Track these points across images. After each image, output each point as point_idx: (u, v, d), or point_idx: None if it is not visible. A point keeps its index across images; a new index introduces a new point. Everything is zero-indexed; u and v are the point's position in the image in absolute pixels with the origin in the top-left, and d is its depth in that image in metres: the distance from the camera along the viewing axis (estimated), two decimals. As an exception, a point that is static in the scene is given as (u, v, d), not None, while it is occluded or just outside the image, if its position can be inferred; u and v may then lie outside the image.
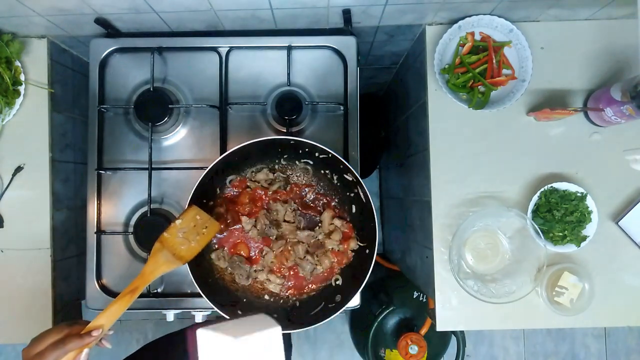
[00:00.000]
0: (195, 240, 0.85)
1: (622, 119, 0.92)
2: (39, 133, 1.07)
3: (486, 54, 0.99)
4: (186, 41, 1.05)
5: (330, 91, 1.06)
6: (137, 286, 0.78)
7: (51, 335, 0.69)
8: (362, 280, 0.88)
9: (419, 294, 1.60)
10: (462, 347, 1.50)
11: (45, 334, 0.70)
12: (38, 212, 1.06)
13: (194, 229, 0.85)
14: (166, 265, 0.82)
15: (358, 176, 0.90)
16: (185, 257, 0.84)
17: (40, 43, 1.08)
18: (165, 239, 0.83)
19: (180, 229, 0.84)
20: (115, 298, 0.76)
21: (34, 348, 0.68)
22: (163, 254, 0.82)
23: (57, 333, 0.70)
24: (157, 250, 0.82)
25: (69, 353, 0.68)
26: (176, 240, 0.84)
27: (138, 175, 1.05)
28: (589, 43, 1.03)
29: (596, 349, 2.14)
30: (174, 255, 0.83)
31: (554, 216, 0.96)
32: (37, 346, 0.68)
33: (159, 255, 0.82)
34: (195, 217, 0.86)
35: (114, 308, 0.75)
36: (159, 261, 0.81)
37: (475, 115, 1.00)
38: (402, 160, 1.41)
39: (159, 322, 2.11)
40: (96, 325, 0.72)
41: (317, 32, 1.09)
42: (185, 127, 1.07)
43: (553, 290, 0.97)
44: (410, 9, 0.99)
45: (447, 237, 1.01)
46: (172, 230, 0.84)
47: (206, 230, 0.87)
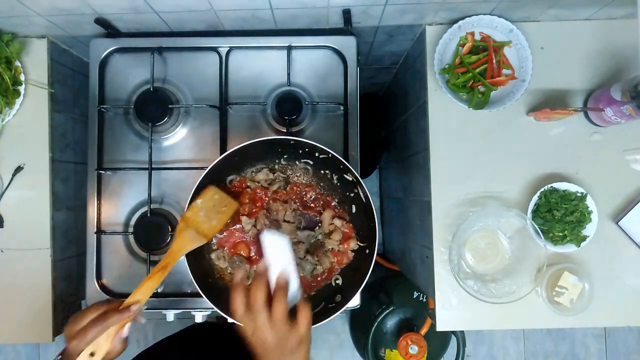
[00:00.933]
0: (216, 218, 0.88)
1: (622, 119, 0.92)
2: (39, 133, 1.07)
3: (486, 54, 0.99)
4: (186, 41, 1.05)
5: (330, 91, 1.06)
6: (168, 263, 0.80)
7: (91, 311, 0.71)
8: (362, 280, 0.88)
9: (419, 294, 1.60)
10: (462, 347, 1.50)
11: (85, 311, 0.71)
12: (38, 212, 1.06)
13: (213, 208, 0.88)
14: (191, 242, 0.84)
15: (358, 176, 0.90)
16: (208, 235, 0.87)
17: (40, 43, 1.08)
18: (188, 218, 0.86)
19: (200, 208, 0.87)
20: (148, 275, 0.78)
21: (76, 325, 0.69)
22: (188, 232, 0.85)
23: (96, 310, 0.71)
24: (181, 229, 0.85)
25: (110, 327, 0.70)
26: (198, 219, 0.86)
27: (138, 175, 1.05)
28: (589, 43, 1.03)
29: (596, 349, 2.14)
30: (198, 233, 0.86)
31: (554, 216, 0.96)
32: (79, 323, 0.69)
33: (184, 234, 0.84)
34: (213, 197, 0.89)
35: (148, 284, 0.77)
36: (185, 239, 0.84)
37: (475, 115, 1.00)
38: (402, 159, 1.41)
39: (159, 322, 2.11)
40: (134, 300, 0.74)
41: (317, 32, 1.09)
42: (185, 127, 1.07)
43: (553, 290, 0.97)
44: (410, 9, 0.99)
45: (447, 237, 1.01)
46: (193, 209, 0.87)
47: (226, 209, 0.89)
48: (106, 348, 0.69)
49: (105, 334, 0.69)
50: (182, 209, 0.90)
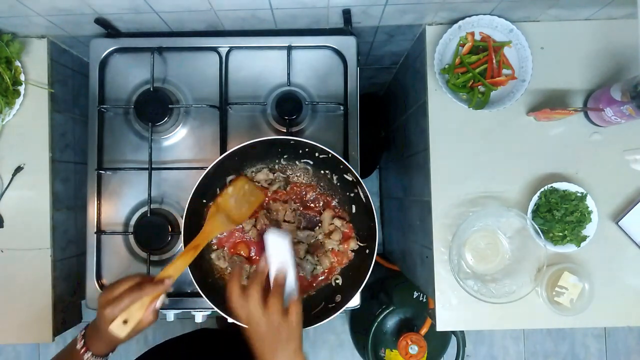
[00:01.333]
0: (245, 206, 0.92)
1: (622, 119, 0.92)
2: (39, 133, 1.07)
3: (486, 54, 0.99)
4: (186, 41, 1.05)
5: (330, 91, 1.06)
6: (199, 243, 0.83)
7: (127, 282, 0.73)
8: (362, 280, 0.88)
9: (419, 294, 1.60)
10: (462, 347, 1.50)
11: (121, 281, 0.73)
12: (38, 212, 1.06)
13: (243, 197, 0.92)
14: (222, 226, 0.88)
15: (358, 176, 0.90)
16: (238, 220, 0.91)
17: (40, 43, 1.08)
18: (219, 204, 0.89)
19: (231, 196, 0.91)
20: (180, 253, 0.81)
21: (111, 293, 0.72)
22: (219, 215, 0.88)
23: (132, 280, 0.74)
24: (213, 213, 0.88)
25: (144, 297, 0.72)
26: (229, 205, 0.90)
27: (138, 175, 1.05)
28: (589, 43, 1.03)
29: (596, 349, 2.14)
30: (228, 219, 0.89)
31: (554, 216, 0.96)
32: (114, 291, 0.72)
33: (216, 217, 0.87)
34: (244, 187, 0.93)
35: (180, 262, 0.79)
36: (216, 222, 0.87)
37: (475, 115, 1.00)
38: (402, 159, 1.41)
39: (159, 322, 2.09)
40: (166, 274, 0.76)
41: (317, 32, 1.09)
42: (185, 127, 1.07)
43: (553, 290, 0.97)
44: (410, 9, 0.99)
45: (447, 237, 1.01)
46: (224, 196, 0.90)
47: (254, 199, 0.94)
48: (138, 316, 0.72)
49: (139, 304, 0.72)
50: (182, 209, 0.90)
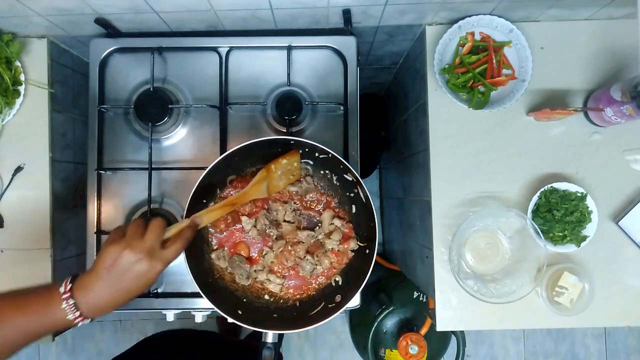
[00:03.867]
0: (283, 180, 0.92)
1: (622, 119, 0.92)
2: (39, 133, 1.07)
3: (486, 54, 0.99)
4: (186, 41, 1.05)
5: (330, 91, 1.06)
6: (238, 201, 0.86)
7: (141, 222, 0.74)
8: (362, 280, 0.88)
9: (419, 294, 1.60)
10: (462, 347, 1.50)
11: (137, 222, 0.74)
12: (38, 212, 1.06)
13: (288, 172, 0.92)
14: (262, 193, 0.89)
15: (358, 176, 0.90)
16: (271, 192, 0.91)
17: (40, 43, 1.08)
18: (271, 170, 0.89)
19: (282, 167, 0.91)
20: (217, 204, 0.84)
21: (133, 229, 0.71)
22: (264, 183, 0.89)
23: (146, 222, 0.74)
24: (262, 178, 0.89)
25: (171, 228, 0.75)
26: (275, 175, 0.91)
27: (138, 175, 1.05)
28: (589, 43, 1.03)
29: (596, 349, 2.14)
30: (267, 188, 0.90)
31: (554, 216, 0.96)
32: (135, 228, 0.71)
33: (262, 183, 0.89)
34: (293, 163, 0.92)
35: (214, 213, 0.82)
36: (260, 187, 0.89)
37: (475, 115, 1.00)
38: (402, 159, 1.41)
39: (159, 322, 2.11)
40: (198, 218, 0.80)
41: (317, 32, 1.09)
42: (185, 127, 1.07)
43: (553, 290, 0.97)
44: (410, 9, 0.99)
45: (447, 237, 1.01)
46: (277, 164, 0.90)
47: (293, 177, 0.94)
48: None
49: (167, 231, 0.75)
50: (182, 209, 0.90)
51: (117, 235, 0.71)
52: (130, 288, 0.68)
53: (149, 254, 0.68)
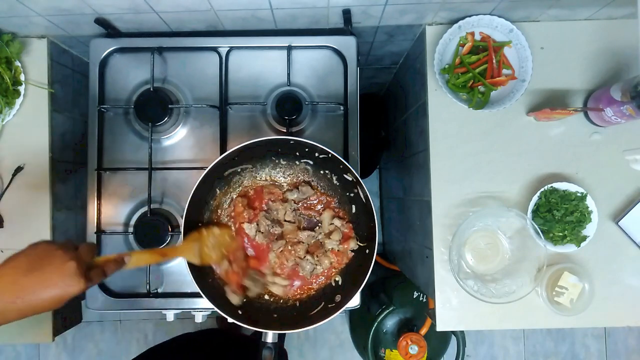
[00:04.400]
0: (214, 253, 0.91)
1: (622, 119, 0.92)
2: (39, 133, 1.07)
3: (486, 54, 0.99)
4: (186, 41, 1.05)
5: (330, 91, 1.06)
6: (168, 254, 0.87)
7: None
8: (362, 280, 0.88)
9: (419, 294, 1.60)
10: (462, 347, 1.50)
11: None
12: (38, 212, 1.06)
13: (220, 244, 0.92)
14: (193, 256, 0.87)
15: (358, 176, 0.90)
16: (204, 259, 0.89)
17: (40, 43, 1.08)
18: (202, 235, 0.90)
19: (214, 236, 0.92)
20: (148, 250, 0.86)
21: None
22: (195, 245, 0.88)
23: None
24: (194, 239, 0.89)
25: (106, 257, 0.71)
26: (206, 242, 0.90)
27: (138, 175, 1.05)
28: (589, 43, 1.03)
29: (596, 349, 2.14)
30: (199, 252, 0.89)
31: (554, 216, 0.96)
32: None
33: (193, 245, 0.88)
34: (225, 236, 0.94)
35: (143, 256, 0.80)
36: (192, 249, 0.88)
37: (475, 115, 1.00)
38: (402, 159, 1.41)
39: (159, 322, 2.11)
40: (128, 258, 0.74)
41: (317, 32, 1.09)
42: (185, 127, 1.07)
43: (553, 290, 0.97)
44: (410, 9, 0.99)
45: (447, 237, 1.01)
46: (209, 232, 0.91)
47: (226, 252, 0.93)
48: None
49: None
50: (182, 209, 0.90)
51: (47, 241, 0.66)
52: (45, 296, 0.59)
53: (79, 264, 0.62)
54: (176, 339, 1.25)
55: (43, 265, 0.59)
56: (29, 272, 0.58)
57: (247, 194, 0.98)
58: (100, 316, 2.08)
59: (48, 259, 0.59)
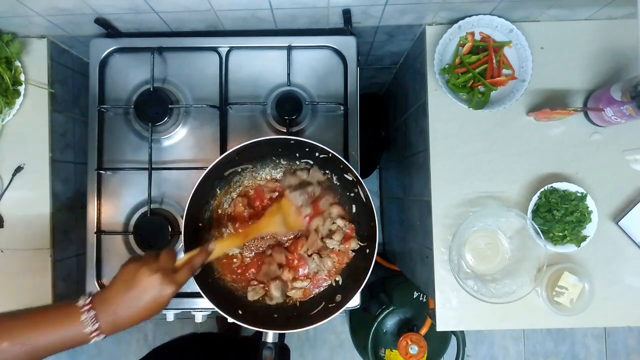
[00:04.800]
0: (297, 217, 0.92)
1: (622, 119, 0.92)
2: (39, 133, 1.07)
3: (486, 54, 0.99)
4: (186, 41, 1.05)
5: (330, 91, 1.06)
6: (250, 232, 0.87)
7: None
8: (362, 280, 0.88)
9: (419, 294, 1.60)
10: (462, 347, 1.50)
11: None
12: (38, 212, 1.06)
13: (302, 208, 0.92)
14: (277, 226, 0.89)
15: (358, 176, 0.90)
16: (293, 227, 0.92)
17: (40, 43, 1.08)
18: (282, 204, 0.91)
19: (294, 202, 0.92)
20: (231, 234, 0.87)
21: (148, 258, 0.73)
22: (278, 217, 0.89)
23: None
24: (274, 211, 0.90)
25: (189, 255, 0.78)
26: (289, 210, 0.91)
27: (138, 175, 1.05)
28: (589, 43, 1.03)
29: (596, 349, 2.14)
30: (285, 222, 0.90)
31: (554, 216, 0.96)
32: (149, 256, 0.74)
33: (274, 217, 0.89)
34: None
35: (226, 242, 0.85)
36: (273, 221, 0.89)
37: (475, 115, 1.00)
38: (402, 159, 1.41)
39: (159, 322, 2.11)
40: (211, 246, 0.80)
41: (317, 32, 1.09)
42: (185, 127, 1.07)
43: (553, 290, 0.97)
44: (410, 9, 0.99)
45: (447, 237, 1.01)
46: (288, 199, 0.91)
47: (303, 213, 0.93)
48: None
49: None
50: (182, 209, 0.90)
51: (133, 258, 0.74)
52: (146, 305, 0.70)
53: (164, 273, 0.71)
54: (182, 337, 1.25)
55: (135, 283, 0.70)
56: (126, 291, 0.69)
57: (247, 193, 0.98)
58: (100, 316, 2.08)
59: (137, 277, 0.70)
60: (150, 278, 0.69)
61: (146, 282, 0.69)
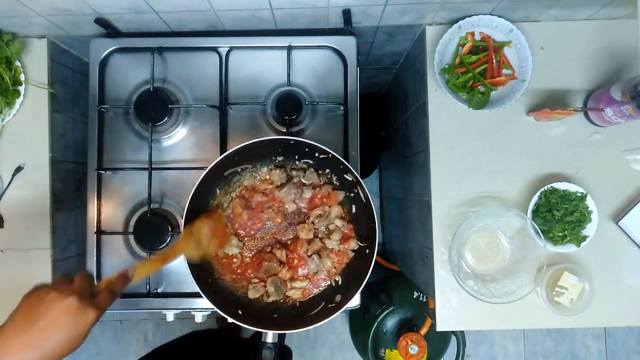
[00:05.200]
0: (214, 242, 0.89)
1: (622, 119, 0.92)
2: (39, 133, 1.07)
3: (486, 54, 0.99)
4: (186, 41, 1.05)
5: (330, 91, 1.06)
6: (168, 256, 0.82)
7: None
8: (362, 280, 0.88)
9: (419, 294, 1.60)
10: (462, 347, 1.50)
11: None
12: (38, 212, 1.06)
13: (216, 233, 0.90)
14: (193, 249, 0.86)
15: (358, 176, 0.90)
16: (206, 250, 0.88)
17: (40, 43, 1.08)
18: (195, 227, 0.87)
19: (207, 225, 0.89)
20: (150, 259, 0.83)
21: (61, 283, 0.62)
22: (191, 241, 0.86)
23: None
24: (187, 234, 0.86)
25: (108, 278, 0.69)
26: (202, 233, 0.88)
27: (138, 175, 1.05)
28: (589, 43, 1.03)
29: (596, 349, 2.14)
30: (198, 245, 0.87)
31: (554, 216, 0.96)
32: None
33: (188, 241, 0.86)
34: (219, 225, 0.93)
35: (147, 267, 0.79)
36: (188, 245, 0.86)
37: (475, 115, 1.00)
38: (402, 159, 1.41)
39: (159, 322, 2.11)
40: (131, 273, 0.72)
41: (317, 32, 1.09)
42: (185, 127, 1.07)
43: (553, 290, 0.97)
44: (410, 9, 0.99)
45: (447, 237, 1.01)
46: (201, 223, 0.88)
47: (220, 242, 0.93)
48: None
49: None
50: (182, 209, 0.90)
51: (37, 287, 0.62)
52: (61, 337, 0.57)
53: (80, 296, 0.59)
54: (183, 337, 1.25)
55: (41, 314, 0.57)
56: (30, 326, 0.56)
57: (245, 194, 0.98)
58: (100, 316, 2.08)
59: (44, 305, 0.57)
60: (62, 303, 0.57)
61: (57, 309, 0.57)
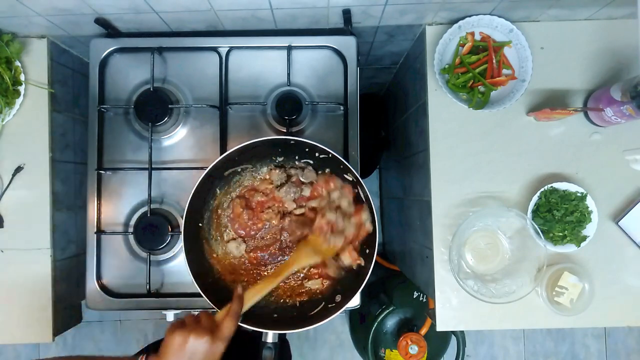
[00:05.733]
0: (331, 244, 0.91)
1: (622, 119, 0.92)
2: (39, 133, 1.07)
3: (486, 54, 0.99)
4: (186, 41, 1.05)
5: (330, 91, 1.06)
6: (281, 271, 0.88)
7: None
8: (362, 280, 0.88)
9: (419, 294, 1.60)
10: (462, 347, 1.50)
11: None
12: (38, 212, 1.06)
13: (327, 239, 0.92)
14: (307, 257, 0.90)
15: (358, 176, 0.90)
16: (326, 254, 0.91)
17: (40, 43, 1.08)
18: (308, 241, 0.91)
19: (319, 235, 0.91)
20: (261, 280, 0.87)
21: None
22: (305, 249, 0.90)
23: None
24: (302, 246, 0.91)
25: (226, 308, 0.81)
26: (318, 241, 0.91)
27: (138, 175, 1.05)
28: (589, 43, 1.03)
29: (596, 349, 2.14)
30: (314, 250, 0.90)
31: (554, 216, 0.96)
32: None
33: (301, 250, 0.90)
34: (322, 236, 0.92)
35: (259, 286, 0.86)
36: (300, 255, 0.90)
37: (475, 115, 1.00)
38: (402, 159, 1.41)
39: (159, 322, 2.11)
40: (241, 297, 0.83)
41: (317, 32, 1.09)
42: (185, 127, 1.07)
43: (553, 290, 0.97)
44: (410, 9, 0.99)
45: (447, 237, 1.01)
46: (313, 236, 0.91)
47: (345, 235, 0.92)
48: None
49: None
50: (182, 209, 0.90)
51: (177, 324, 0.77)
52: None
53: (212, 335, 0.75)
54: None
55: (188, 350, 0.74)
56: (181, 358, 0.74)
57: (244, 195, 0.98)
58: (100, 316, 2.08)
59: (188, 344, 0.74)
60: (199, 342, 0.74)
61: (197, 347, 0.74)
